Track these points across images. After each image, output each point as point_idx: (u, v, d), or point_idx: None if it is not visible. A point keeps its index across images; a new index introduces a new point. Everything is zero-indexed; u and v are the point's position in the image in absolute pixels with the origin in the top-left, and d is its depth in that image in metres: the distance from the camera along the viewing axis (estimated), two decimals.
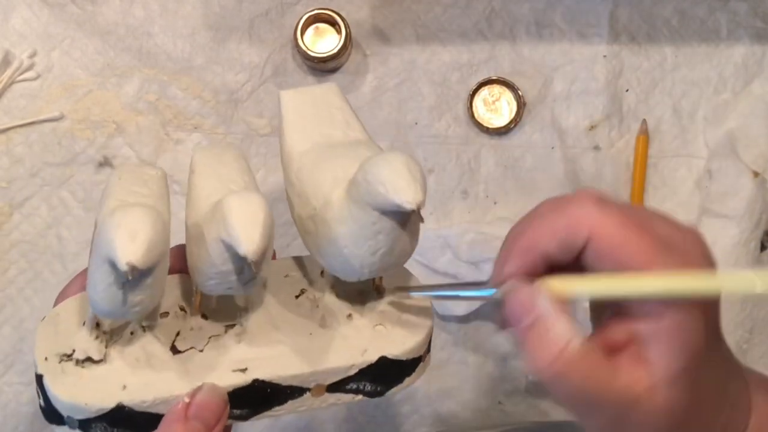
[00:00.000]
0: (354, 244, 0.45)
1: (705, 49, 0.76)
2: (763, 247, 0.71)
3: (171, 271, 0.47)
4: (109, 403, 0.45)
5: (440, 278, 0.71)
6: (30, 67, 0.74)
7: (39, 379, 0.46)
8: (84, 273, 0.49)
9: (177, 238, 0.47)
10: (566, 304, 0.41)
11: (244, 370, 0.47)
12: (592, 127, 0.75)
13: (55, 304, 0.50)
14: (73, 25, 0.75)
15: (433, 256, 0.71)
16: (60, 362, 0.47)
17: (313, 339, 0.49)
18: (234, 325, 0.49)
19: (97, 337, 0.47)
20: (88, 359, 0.47)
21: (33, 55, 0.74)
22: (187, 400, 0.45)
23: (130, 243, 0.41)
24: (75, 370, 0.46)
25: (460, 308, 0.71)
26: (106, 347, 0.47)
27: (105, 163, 0.74)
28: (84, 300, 0.48)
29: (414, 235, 0.46)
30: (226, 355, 0.48)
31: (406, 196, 0.42)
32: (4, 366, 0.72)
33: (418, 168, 0.43)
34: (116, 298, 0.43)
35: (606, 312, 0.44)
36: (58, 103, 0.74)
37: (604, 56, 0.76)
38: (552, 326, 0.41)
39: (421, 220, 0.43)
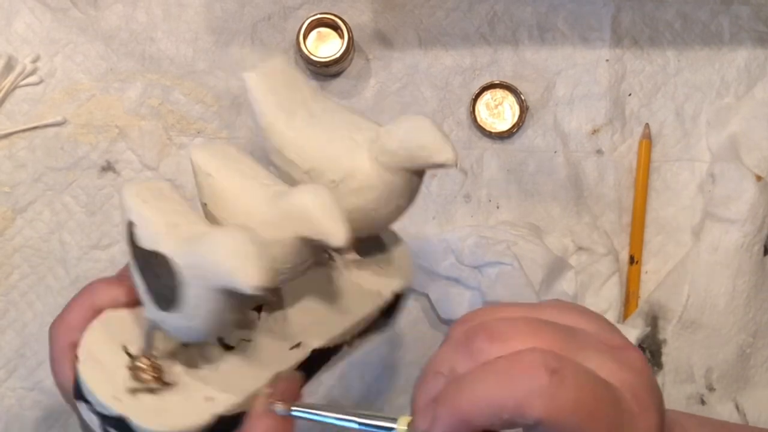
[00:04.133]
0: (384, 205, 0.48)
1: (708, 53, 0.76)
2: (766, 251, 0.71)
3: None
4: (205, 418, 0.45)
5: (443, 282, 0.71)
6: (33, 72, 0.74)
7: (116, 421, 0.45)
8: (83, 298, 0.49)
9: None
10: None
11: (298, 345, 0.49)
12: (594, 131, 0.75)
13: (55, 336, 0.49)
14: (75, 29, 0.75)
15: (435, 260, 0.71)
16: (133, 396, 0.46)
17: (339, 296, 0.51)
18: (262, 306, 0.50)
19: (154, 361, 0.47)
20: (162, 384, 0.46)
21: (36, 59, 0.74)
22: (269, 390, 0.46)
23: (253, 267, 0.40)
24: (153, 399, 0.46)
25: (463, 312, 0.71)
26: (169, 365, 0.47)
27: (108, 167, 0.74)
28: (106, 325, 0.48)
29: None
30: (275, 336, 0.49)
31: (448, 155, 0.46)
32: (7, 371, 0.72)
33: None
34: (225, 322, 0.44)
35: None
36: (60, 107, 0.74)
37: (607, 60, 0.76)
38: None
39: (465, 172, 0.49)
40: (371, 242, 0.53)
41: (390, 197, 0.48)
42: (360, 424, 0.43)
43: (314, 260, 0.46)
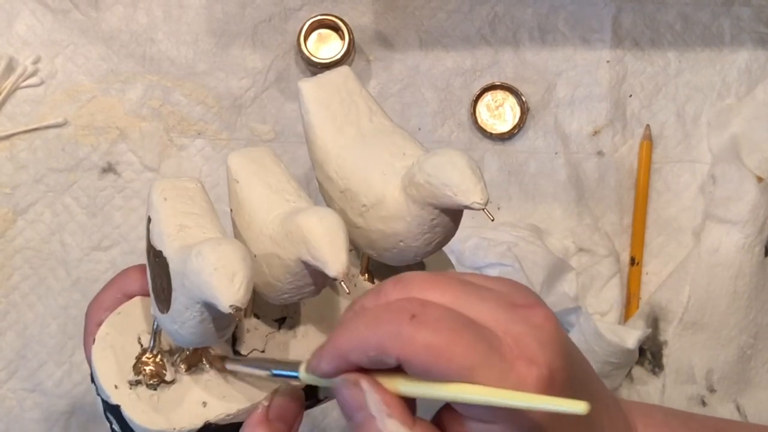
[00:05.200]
0: (412, 238, 0.46)
1: (708, 54, 0.76)
2: (767, 252, 0.71)
3: None
4: (196, 423, 0.45)
5: None
6: (34, 74, 0.74)
7: (114, 409, 0.46)
8: (115, 284, 0.49)
9: None
10: (395, 402, 0.40)
11: None
12: (595, 133, 0.75)
13: (88, 315, 0.49)
14: (76, 31, 0.75)
15: None
16: (131, 388, 0.46)
17: None
18: (284, 318, 0.50)
19: (161, 357, 0.47)
20: (161, 381, 0.47)
21: (37, 61, 0.74)
22: (266, 403, 0.46)
23: (231, 285, 0.40)
24: (150, 395, 0.46)
25: None
26: (173, 365, 0.47)
27: (108, 169, 0.74)
28: (129, 316, 0.48)
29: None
30: (288, 351, 0.49)
31: (474, 197, 0.43)
32: (8, 372, 0.72)
33: (477, 166, 0.44)
34: (209, 332, 0.43)
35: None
36: (61, 109, 0.74)
37: (608, 61, 0.76)
38: (381, 428, 0.40)
39: (491, 218, 0.46)
40: (414, 268, 0.52)
41: (417, 231, 0.46)
42: (273, 374, 0.45)
43: (324, 282, 0.46)
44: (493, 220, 0.46)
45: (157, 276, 0.45)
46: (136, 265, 0.51)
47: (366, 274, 0.51)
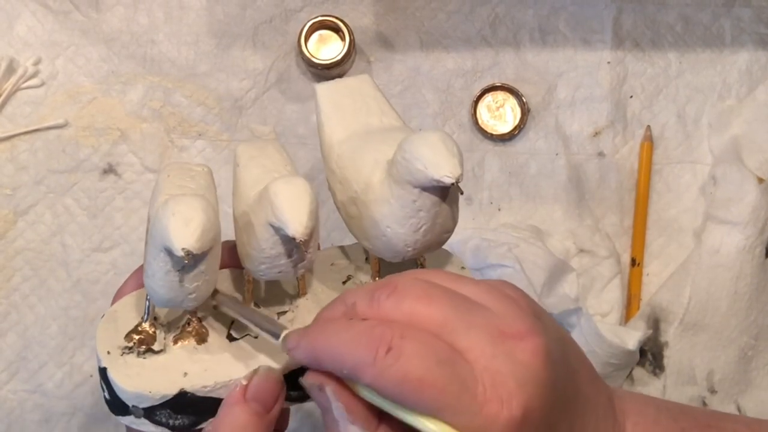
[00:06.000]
0: (397, 223, 0.47)
1: (709, 55, 0.76)
2: (767, 253, 0.71)
3: (221, 267, 0.49)
4: (172, 390, 0.47)
5: None
6: (34, 75, 0.74)
7: (103, 372, 0.48)
8: (139, 271, 0.50)
9: (223, 235, 0.48)
10: (359, 408, 0.42)
11: None
12: (596, 134, 0.75)
13: (113, 302, 0.51)
14: (77, 32, 0.75)
15: None
16: (122, 355, 0.48)
17: None
18: (286, 312, 0.51)
19: (155, 329, 0.49)
20: (149, 350, 0.48)
21: (37, 62, 0.75)
22: (244, 382, 0.47)
23: (185, 229, 0.43)
24: (137, 361, 0.48)
25: None
26: (165, 338, 0.49)
27: (109, 170, 0.74)
28: (140, 296, 0.50)
29: (454, 210, 0.48)
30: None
31: (444, 171, 0.44)
32: (9, 373, 0.72)
33: (454, 143, 0.45)
34: (174, 286, 0.45)
35: None
36: (62, 110, 0.74)
37: (608, 62, 0.76)
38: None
39: (461, 192, 0.45)
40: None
41: (401, 214, 0.46)
42: (255, 326, 0.47)
43: (298, 257, 0.47)
44: (462, 194, 0.46)
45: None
46: None
47: (377, 279, 0.52)
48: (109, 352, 0.48)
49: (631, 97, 0.76)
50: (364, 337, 0.40)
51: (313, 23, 0.74)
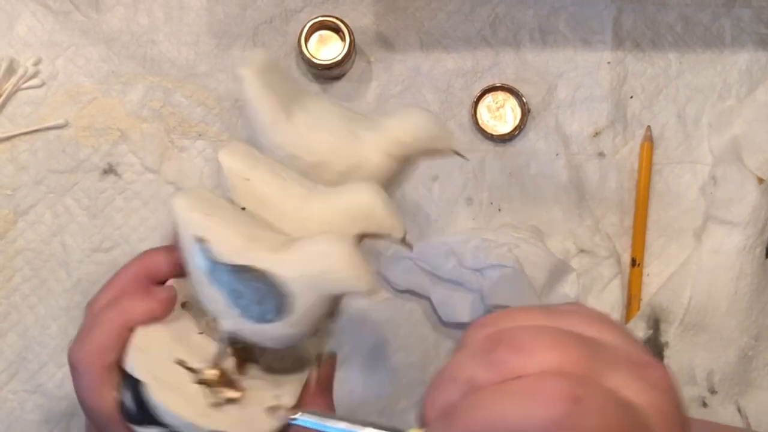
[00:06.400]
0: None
1: (709, 56, 0.76)
2: None
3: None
4: (273, 425, 0.48)
5: (445, 284, 0.71)
6: (35, 75, 0.74)
7: (135, 386, 0.47)
8: (109, 319, 0.49)
9: None
10: None
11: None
12: (596, 134, 0.75)
13: (82, 359, 0.49)
14: (77, 32, 0.75)
15: (437, 263, 0.71)
16: (218, 409, 0.48)
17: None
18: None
19: (223, 372, 0.49)
20: (238, 391, 0.49)
21: (38, 62, 0.74)
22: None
23: (362, 272, 0.45)
24: (236, 409, 0.48)
25: (465, 315, 0.71)
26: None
27: (109, 170, 0.74)
28: (152, 345, 0.49)
29: None
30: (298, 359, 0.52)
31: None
32: (9, 374, 0.72)
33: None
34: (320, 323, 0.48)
35: None
36: (62, 110, 0.74)
37: (608, 63, 0.76)
38: None
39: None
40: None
41: (390, 185, 0.51)
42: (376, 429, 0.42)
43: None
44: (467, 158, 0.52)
45: (250, 290, 0.46)
46: (128, 296, 0.50)
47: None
48: (206, 415, 0.47)
49: (632, 97, 0.76)
50: (537, 394, 0.35)
51: (314, 23, 0.73)
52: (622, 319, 0.72)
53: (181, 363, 0.48)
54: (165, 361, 0.48)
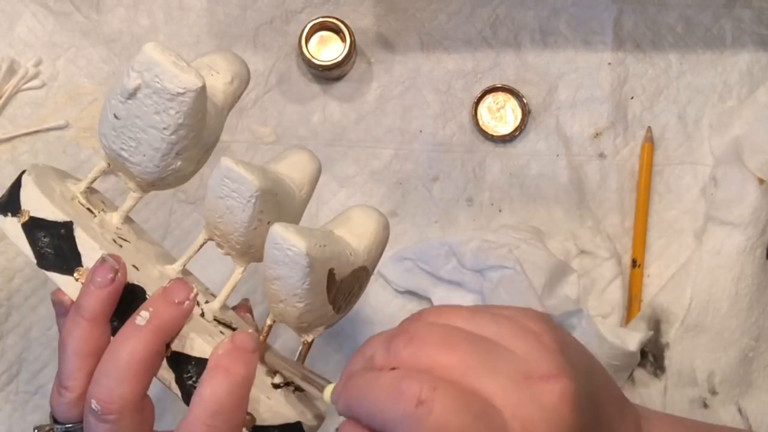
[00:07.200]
0: None
1: (710, 57, 0.76)
2: None
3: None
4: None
5: (445, 285, 0.71)
6: (35, 76, 0.74)
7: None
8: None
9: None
10: None
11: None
12: (597, 135, 0.75)
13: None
14: (78, 33, 0.75)
15: (437, 264, 0.71)
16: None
17: None
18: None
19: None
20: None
21: (38, 63, 0.75)
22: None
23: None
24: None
25: None
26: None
27: (110, 171, 0.74)
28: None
29: None
30: None
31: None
32: (9, 375, 0.72)
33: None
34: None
35: None
36: (63, 111, 0.74)
37: (609, 63, 0.76)
38: None
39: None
40: None
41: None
42: (303, 380, 0.50)
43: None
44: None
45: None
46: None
47: None
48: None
49: (632, 98, 0.76)
50: (391, 390, 0.39)
51: (314, 24, 0.73)
52: (622, 321, 0.72)
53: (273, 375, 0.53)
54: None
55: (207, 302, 0.54)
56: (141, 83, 0.48)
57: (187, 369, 0.49)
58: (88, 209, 0.54)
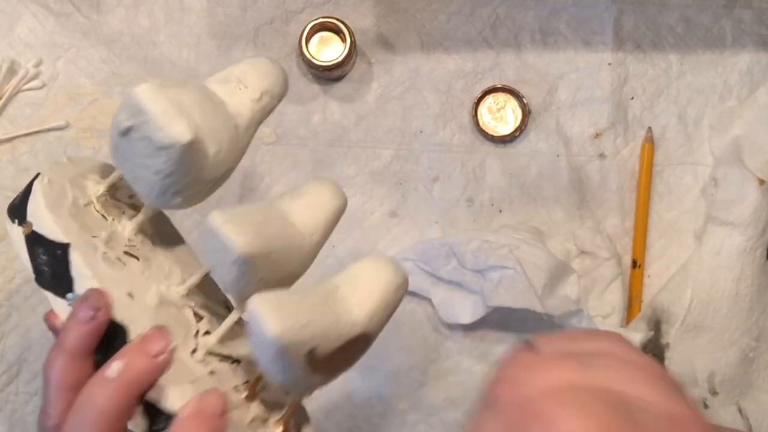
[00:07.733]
0: None
1: (710, 57, 0.76)
2: None
3: None
4: None
5: (445, 286, 0.71)
6: (35, 76, 0.75)
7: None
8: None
9: None
10: None
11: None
12: (597, 135, 0.75)
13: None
14: (78, 34, 0.75)
15: (437, 264, 0.71)
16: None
17: None
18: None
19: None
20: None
21: (38, 64, 0.75)
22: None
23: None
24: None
25: (466, 316, 0.71)
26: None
27: None
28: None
29: None
30: None
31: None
32: (10, 375, 0.72)
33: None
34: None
35: None
36: (63, 111, 0.74)
37: (609, 64, 0.76)
38: None
39: None
40: None
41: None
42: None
43: None
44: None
45: None
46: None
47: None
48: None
49: (632, 98, 0.76)
50: None
51: (314, 25, 0.74)
52: (623, 321, 0.72)
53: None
54: None
55: (207, 333, 0.51)
56: (132, 125, 0.47)
57: (159, 421, 0.47)
58: (103, 216, 0.52)
